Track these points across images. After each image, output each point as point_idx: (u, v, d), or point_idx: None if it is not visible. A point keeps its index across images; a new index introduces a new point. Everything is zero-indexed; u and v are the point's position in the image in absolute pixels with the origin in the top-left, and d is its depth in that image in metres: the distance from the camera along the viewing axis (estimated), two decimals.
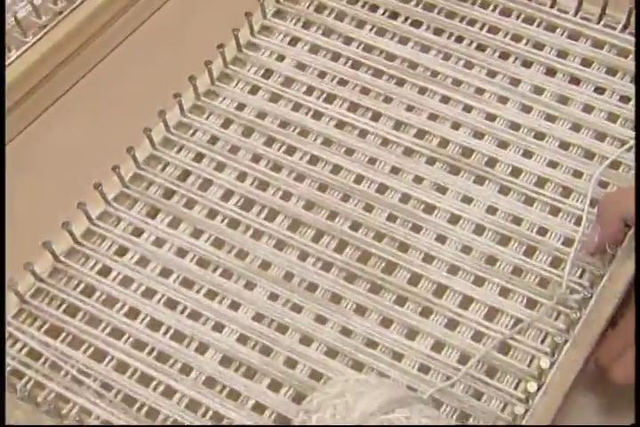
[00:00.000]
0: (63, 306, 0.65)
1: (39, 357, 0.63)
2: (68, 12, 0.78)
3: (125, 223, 0.69)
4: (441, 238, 0.66)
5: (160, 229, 0.68)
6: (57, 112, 0.78)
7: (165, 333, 0.64)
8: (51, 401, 0.61)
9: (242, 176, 0.70)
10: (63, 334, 0.64)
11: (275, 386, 0.62)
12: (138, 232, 0.68)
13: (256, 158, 0.71)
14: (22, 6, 0.77)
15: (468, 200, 0.68)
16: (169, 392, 0.62)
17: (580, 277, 0.64)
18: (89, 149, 0.74)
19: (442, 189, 0.68)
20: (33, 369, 0.63)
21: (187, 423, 0.60)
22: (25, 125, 0.77)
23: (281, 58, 0.75)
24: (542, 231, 0.66)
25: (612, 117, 0.70)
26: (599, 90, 0.72)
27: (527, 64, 0.73)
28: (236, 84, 0.74)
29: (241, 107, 0.73)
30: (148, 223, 0.68)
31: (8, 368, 0.63)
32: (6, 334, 0.64)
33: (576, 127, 0.70)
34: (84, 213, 0.67)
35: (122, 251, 0.68)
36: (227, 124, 0.73)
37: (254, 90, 0.74)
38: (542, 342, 0.62)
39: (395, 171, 0.69)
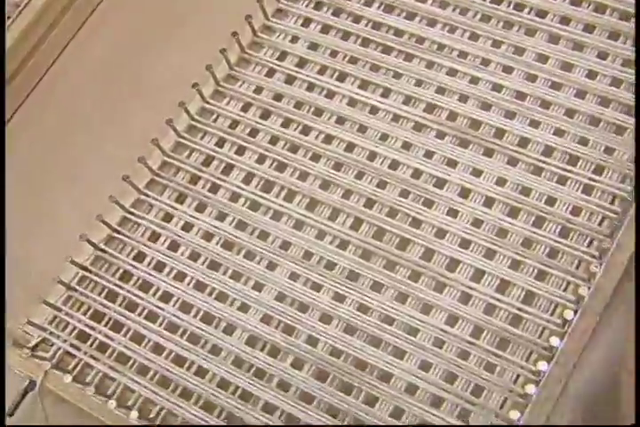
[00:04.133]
0: (104, 292, 0.58)
1: (86, 339, 0.56)
2: None
3: (156, 210, 0.60)
4: (452, 212, 0.56)
5: (188, 214, 0.59)
6: None
7: (195, 315, 0.56)
8: (98, 381, 0.55)
9: (261, 158, 0.60)
10: (106, 318, 0.57)
11: (298, 364, 0.53)
12: (168, 218, 0.59)
13: (274, 140, 0.60)
14: None
15: (477, 173, 0.57)
16: (201, 372, 0.54)
17: (589, 246, 0.53)
18: (115, 143, 0.65)
19: (452, 163, 0.57)
20: (82, 351, 0.56)
21: (219, 402, 0.52)
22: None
23: (295, 39, 0.64)
24: (551, 201, 0.55)
25: (616, 82, 0.58)
26: (602, 55, 0.59)
27: (531, 32, 0.60)
28: (254, 68, 0.63)
29: (259, 90, 0.62)
30: (177, 209, 0.59)
31: (60, 351, 0.56)
32: (57, 319, 0.57)
33: (581, 94, 0.58)
34: (116, 204, 0.58)
35: (154, 237, 0.59)
36: (246, 107, 0.62)
37: (271, 73, 0.63)
38: (552, 313, 0.52)
39: (406, 146, 0.58)
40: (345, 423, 0.51)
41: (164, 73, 0.67)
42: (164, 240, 0.59)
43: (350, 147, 0.59)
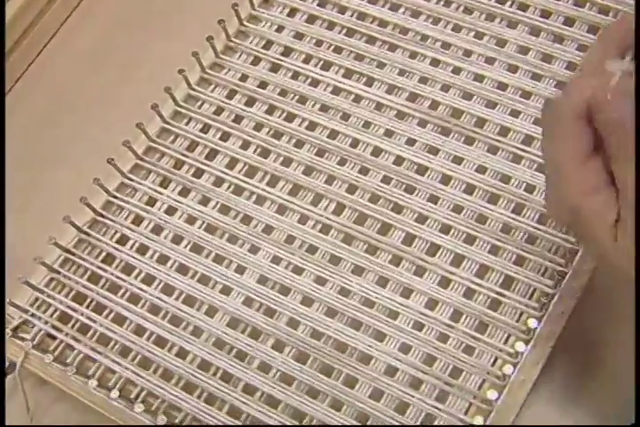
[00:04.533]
0: (87, 274, 0.57)
1: (68, 321, 0.56)
2: None
3: (140, 194, 0.59)
4: (433, 199, 0.56)
5: (172, 199, 0.59)
6: None
7: (178, 297, 0.55)
8: (78, 362, 0.54)
9: (245, 144, 0.60)
10: (88, 300, 0.57)
11: (279, 346, 0.53)
12: (152, 202, 0.59)
13: (258, 127, 0.60)
14: None
15: (458, 160, 0.57)
16: (182, 353, 0.54)
17: (567, 231, 0.54)
18: (101, 127, 0.65)
19: (433, 151, 0.58)
20: (63, 332, 0.55)
21: (200, 383, 0.52)
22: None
23: (280, 29, 0.64)
24: (530, 189, 0.55)
25: None
26: (582, 47, 0.59)
27: (513, 25, 0.61)
28: (239, 57, 0.63)
29: (244, 78, 0.62)
30: (161, 193, 0.59)
31: (41, 332, 0.56)
32: (39, 301, 0.57)
33: (560, 85, 0.58)
34: (100, 187, 0.58)
35: (138, 220, 0.59)
36: (231, 94, 0.62)
37: (256, 61, 0.63)
38: (530, 297, 0.52)
39: (388, 134, 0.59)
40: (324, 405, 0.51)
41: (151, 59, 0.66)
42: (148, 224, 0.58)
43: (333, 134, 0.59)
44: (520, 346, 0.49)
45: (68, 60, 0.69)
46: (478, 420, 0.48)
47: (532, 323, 0.49)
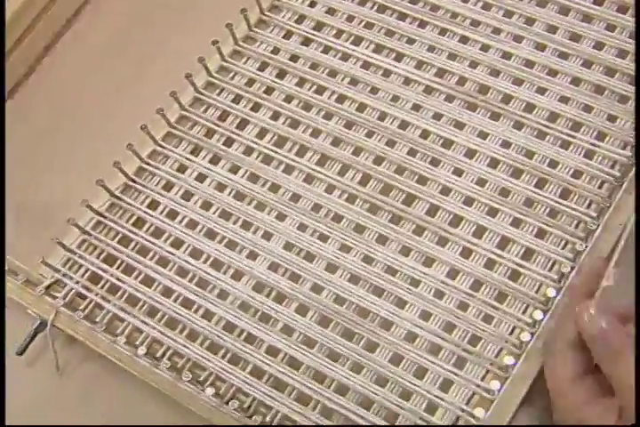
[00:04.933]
0: (118, 237, 0.59)
1: (98, 282, 0.58)
2: None
3: (172, 161, 0.61)
4: (458, 171, 0.57)
5: (202, 166, 0.60)
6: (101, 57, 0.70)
7: (205, 261, 0.57)
8: (107, 321, 0.56)
9: (275, 115, 0.61)
10: (118, 262, 0.58)
11: (302, 310, 0.55)
12: (183, 169, 0.60)
13: (288, 99, 0.61)
14: None
15: (483, 135, 0.58)
16: (208, 315, 0.55)
17: (588, 207, 0.54)
18: (136, 96, 0.66)
19: (459, 125, 0.58)
20: (94, 292, 0.57)
21: (224, 344, 0.54)
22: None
23: (313, 4, 0.65)
24: (553, 164, 0.56)
25: (622, 54, 0.59)
26: (610, 27, 0.60)
27: (542, 4, 0.61)
28: (272, 30, 0.64)
29: (276, 51, 0.63)
30: (192, 160, 0.60)
31: (72, 291, 0.57)
32: (70, 261, 0.58)
33: (587, 64, 0.59)
34: (133, 153, 0.59)
35: (168, 186, 0.60)
36: (263, 67, 0.63)
37: (288, 35, 0.64)
38: (550, 270, 0.53)
39: (416, 108, 0.59)
40: (345, 368, 0.52)
41: (186, 31, 0.68)
42: (178, 190, 0.60)
43: (362, 107, 0.60)
44: (538, 315, 0.50)
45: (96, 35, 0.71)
46: (495, 385, 0.49)
47: (551, 292, 0.50)
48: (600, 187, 0.55)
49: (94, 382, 0.58)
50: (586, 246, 0.53)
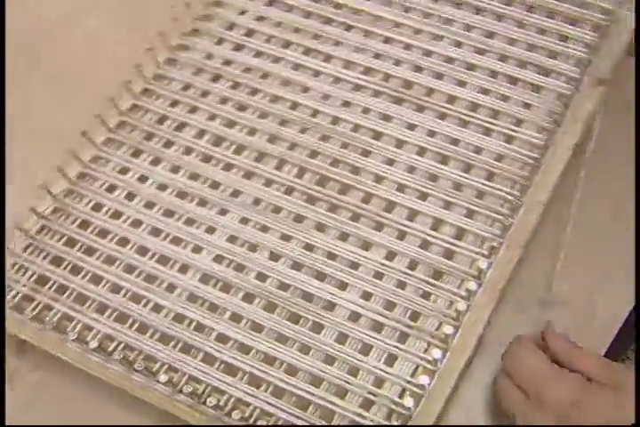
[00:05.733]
0: (63, 239, 0.59)
1: (46, 283, 0.58)
2: None
3: (113, 164, 0.62)
4: (389, 161, 0.60)
5: (143, 168, 0.61)
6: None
7: (151, 257, 0.58)
8: (57, 320, 0.56)
9: (212, 117, 0.63)
10: (64, 263, 0.59)
11: (249, 298, 0.56)
12: (124, 171, 0.62)
13: (224, 101, 0.64)
14: None
15: (411, 126, 0.61)
16: (157, 308, 0.56)
17: (512, 187, 0.58)
18: (74, 101, 0.68)
19: (388, 118, 0.61)
20: (42, 293, 0.57)
21: (174, 334, 0.55)
22: None
23: (243, 12, 0.68)
24: (477, 150, 0.59)
25: (533, 48, 0.63)
26: (520, 25, 0.64)
27: (458, 6, 0.65)
28: (204, 38, 0.67)
29: (209, 56, 0.66)
30: (133, 163, 0.62)
31: (19, 295, 0.58)
32: (17, 266, 0.59)
33: (502, 58, 0.63)
34: (75, 158, 0.60)
35: (111, 188, 0.61)
36: (198, 72, 0.65)
37: (220, 42, 0.66)
38: (481, 246, 0.56)
39: (346, 104, 0.62)
40: (293, 349, 0.54)
41: (120, 41, 0.70)
42: (121, 192, 0.61)
43: (295, 106, 0.63)
44: (472, 286, 0.53)
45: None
46: (437, 354, 0.51)
47: (483, 264, 0.53)
48: (521, 169, 0.58)
49: (45, 387, 0.58)
50: (511, 223, 0.56)
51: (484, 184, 0.58)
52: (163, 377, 0.52)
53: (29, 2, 0.75)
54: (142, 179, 0.61)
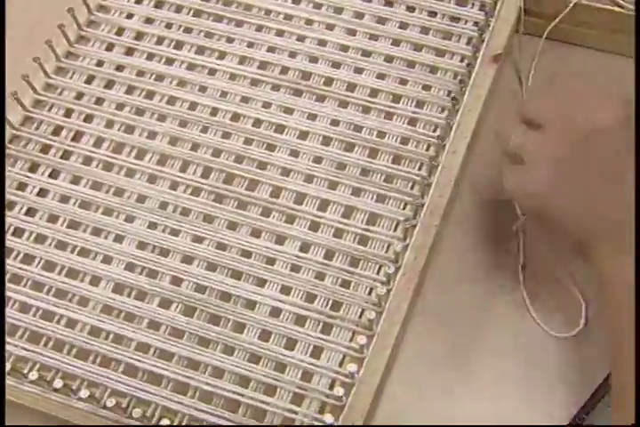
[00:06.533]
0: None
1: None
2: None
3: (10, 180, 0.59)
4: (294, 153, 0.58)
5: (42, 182, 0.59)
6: None
7: (60, 272, 0.55)
8: None
9: (109, 124, 0.61)
10: None
11: (165, 304, 0.54)
12: (22, 187, 0.59)
13: (120, 107, 0.61)
14: None
15: (312, 117, 0.60)
16: (71, 323, 0.54)
17: (419, 169, 0.57)
18: None
19: (289, 111, 0.60)
20: None
21: (93, 348, 0.52)
22: None
23: (130, 16, 0.66)
24: (381, 135, 0.59)
25: (425, 31, 0.63)
26: (410, 9, 0.64)
27: None
28: (93, 44, 0.64)
29: (100, 63, 0.64)
30: (30, 177, 0.59)
31: None
32: None
33: (396, 42, 0.62)
34: None
35: (10, 206, 0.58)
36: (89, 80, 0.63)
37: (110, 47, 0.64)
38: (395, 230, 0.55)
39: (245, 100, 0.61)
40: (217, 351, 0.52)
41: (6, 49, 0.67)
42: (21, 208, 0.58)
43: (193, 106, 0.61)
44: (391, 269, 0.52)
45: None
46: (363, 340, 0.50)
47: (399, 247, 0.52)
48: (427, 149, 0.58)
49: None
50: (423, 203, 0.55)
51: (391, 168, 0.57)
52: (83, 392, 0.50)
53: None
54: (42, 193, 0.59)
